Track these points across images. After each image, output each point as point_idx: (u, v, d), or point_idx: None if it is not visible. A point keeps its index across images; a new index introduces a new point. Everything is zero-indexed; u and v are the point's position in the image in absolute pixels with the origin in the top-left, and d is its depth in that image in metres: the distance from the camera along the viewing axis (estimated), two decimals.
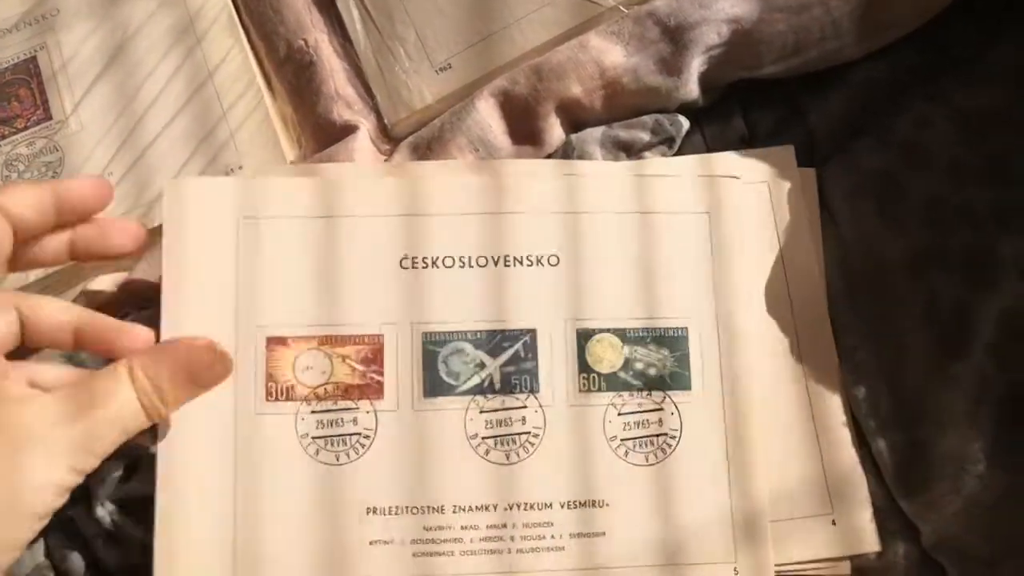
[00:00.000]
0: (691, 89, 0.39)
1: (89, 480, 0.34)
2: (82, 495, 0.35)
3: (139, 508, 0.35)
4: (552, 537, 0.35)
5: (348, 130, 0.40)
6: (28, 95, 0.42)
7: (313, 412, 0.35)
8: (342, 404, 0.35)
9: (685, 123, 0.39)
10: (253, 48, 0.43)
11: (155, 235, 0.40)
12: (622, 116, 0.39)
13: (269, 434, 0.35)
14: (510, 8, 0.40)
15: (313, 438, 0.35)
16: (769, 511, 0.36)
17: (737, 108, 0.40)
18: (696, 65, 0.38)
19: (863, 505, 0.36)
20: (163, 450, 0.34)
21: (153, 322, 0.35)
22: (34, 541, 0.34)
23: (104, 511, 0.34)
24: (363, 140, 0.40)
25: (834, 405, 0.37)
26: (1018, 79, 0.38)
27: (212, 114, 0.41)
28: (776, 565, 0.35)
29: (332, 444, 0.35)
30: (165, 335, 0.35)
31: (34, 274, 0.39)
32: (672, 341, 0.36)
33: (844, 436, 0.37)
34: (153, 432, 0.34)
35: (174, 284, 0.35)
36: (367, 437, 0.35)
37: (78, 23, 0.43)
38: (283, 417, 0.35)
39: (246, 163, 0.40)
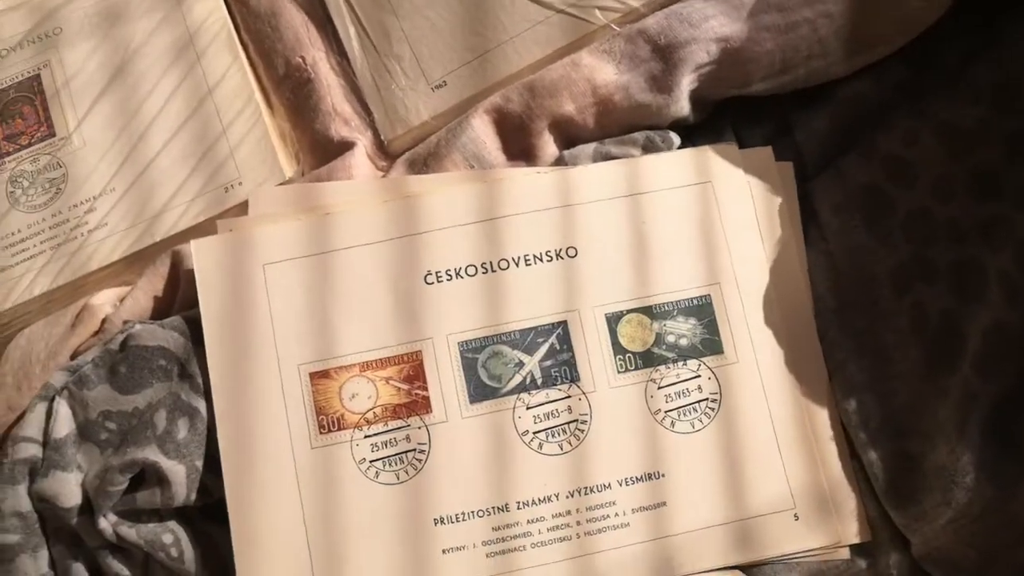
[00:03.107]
0: (682, 106, 0.39)
1: (92, 492, 0.35)
2: (86, 506, 0.35)
3: (143, 519, 0.36)
4: (616, 515, 0.36)
5: (345, 146, 0.41)
6: (32, 112, 0.43)
7: (366, 437, 0.36)
8: (393, 424, 0.36)
9: (676, 139, 0.40)
10: (252, 65, 0.44)
11: (157, 251, 0.41)
12: (614, 133, 0.40)
13: (328, 465, 0.36)
14: (504, 26, 0.41)
15: (371, 462, 0.36)
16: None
17: (728, 124, 0.41)
18: (687, 83, 0.39)
19: (851, 518, 0.37)
20: (231, 495, 0.35)
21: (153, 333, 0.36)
22: (38, 551, 0.35)
23: (107, 522, 0.35)
24: (360, 156, 0.41)
25: (823, 419, 0.38)
26: (1000, 95, 0.39)
27: (212, 130, 0.42)
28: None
29: (390, 464, 0.36)
30: (215, 383, 0.36)
31: (38, 288, 0.40)
32: (698, 309, 0.38)
33: (832, 450, 0.37)
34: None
35: (216, 339, 0.36)
36: (423, 452, 0.36)
37: (80, 41, 0.44)
38: (339, 447, 0.36)
39: (246, 179, 0.41)
